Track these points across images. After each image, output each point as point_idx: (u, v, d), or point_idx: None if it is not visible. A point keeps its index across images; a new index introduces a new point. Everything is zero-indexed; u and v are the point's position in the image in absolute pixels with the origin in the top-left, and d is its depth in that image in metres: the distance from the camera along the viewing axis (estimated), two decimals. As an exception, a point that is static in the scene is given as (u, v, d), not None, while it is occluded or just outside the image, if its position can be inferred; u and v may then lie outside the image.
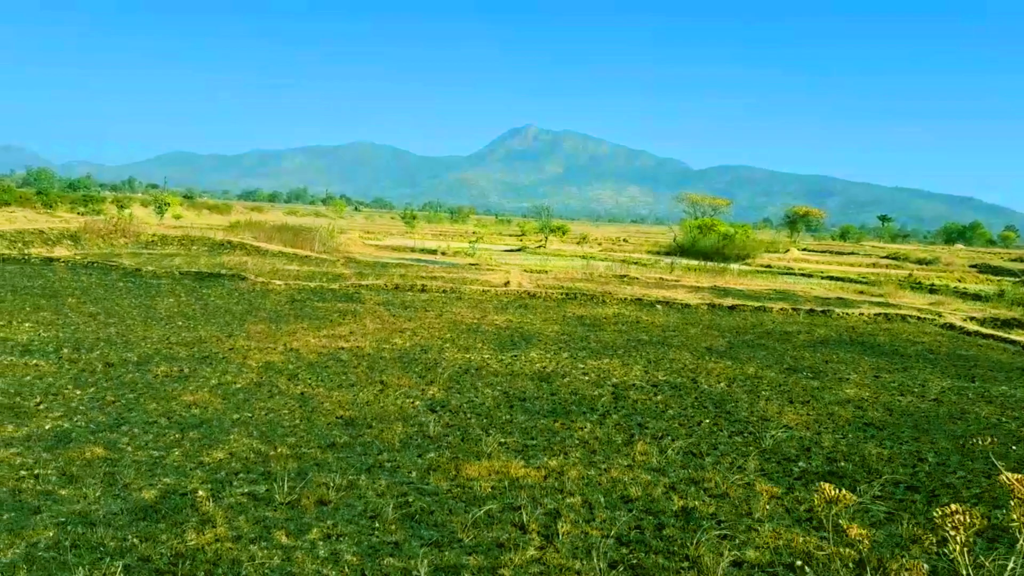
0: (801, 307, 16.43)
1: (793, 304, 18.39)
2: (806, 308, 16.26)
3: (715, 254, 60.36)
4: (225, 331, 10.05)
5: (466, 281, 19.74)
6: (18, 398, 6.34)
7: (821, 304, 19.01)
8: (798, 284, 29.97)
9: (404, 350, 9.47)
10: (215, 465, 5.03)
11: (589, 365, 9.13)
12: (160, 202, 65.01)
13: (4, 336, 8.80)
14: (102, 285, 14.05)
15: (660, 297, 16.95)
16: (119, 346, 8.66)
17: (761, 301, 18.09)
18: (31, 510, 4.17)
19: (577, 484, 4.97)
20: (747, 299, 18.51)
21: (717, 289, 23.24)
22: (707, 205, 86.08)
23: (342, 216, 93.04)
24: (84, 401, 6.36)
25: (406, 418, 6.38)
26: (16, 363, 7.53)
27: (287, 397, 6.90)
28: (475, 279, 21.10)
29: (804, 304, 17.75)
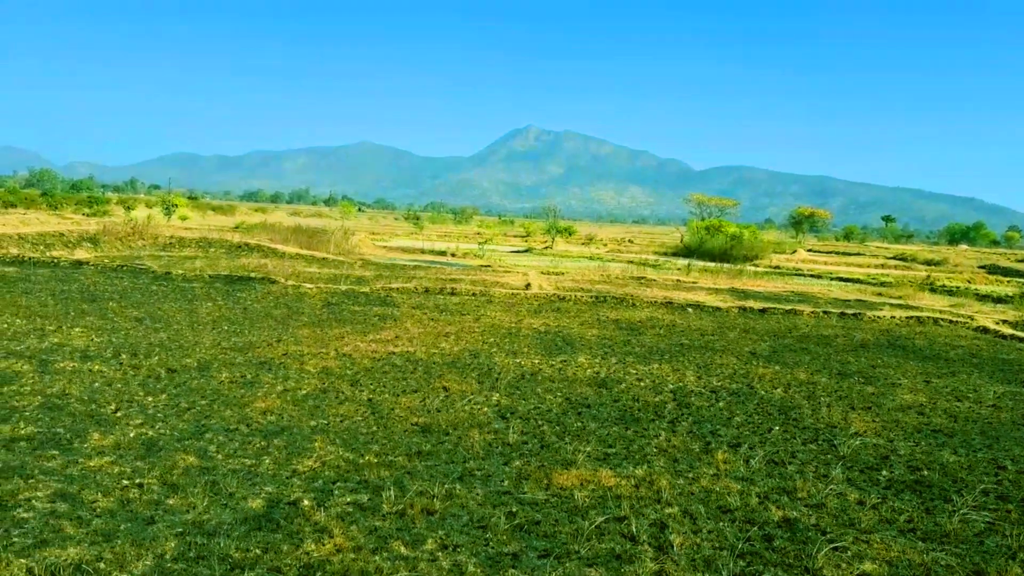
0: (831, 310, 16.42)
1: (814, 306, 18.40)
2: (837, 311, 16.25)
3: (723, 255, 60.39)
4: (273, 336, 10.07)
5: (487, 283, 19.77)
6: (94, 405, 6.36)
7: (842, 306, 19.01)
8: (814, 286, 29.96)
9: (454, 355, 9.48)
10: (310, 473, 5.04)
11: (640, 370, 9.14)
12: (168, 204, 65.13)
13: (59, 341, 8.82)
14: (137, 289, 14.08)
15: (683, 300, 16.95)
16: (174, 352, 8.68)
17: (783, 303, 18.09)
18: (145, 520, 4.18)
19: (671, 494, 4.97)
20: (769, 301, 18.52)
21: (736, 291, 23.24)
22: (714, 206, 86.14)
23: (350, 218, 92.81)
24: (160, 408, 6.38)
25: (480, 425, 6.40)
26: (80, 369, 7.56)
27: (356, 403, 6.91)
28: (495, 281, 21.13)
29: (825, 306, 17.75)
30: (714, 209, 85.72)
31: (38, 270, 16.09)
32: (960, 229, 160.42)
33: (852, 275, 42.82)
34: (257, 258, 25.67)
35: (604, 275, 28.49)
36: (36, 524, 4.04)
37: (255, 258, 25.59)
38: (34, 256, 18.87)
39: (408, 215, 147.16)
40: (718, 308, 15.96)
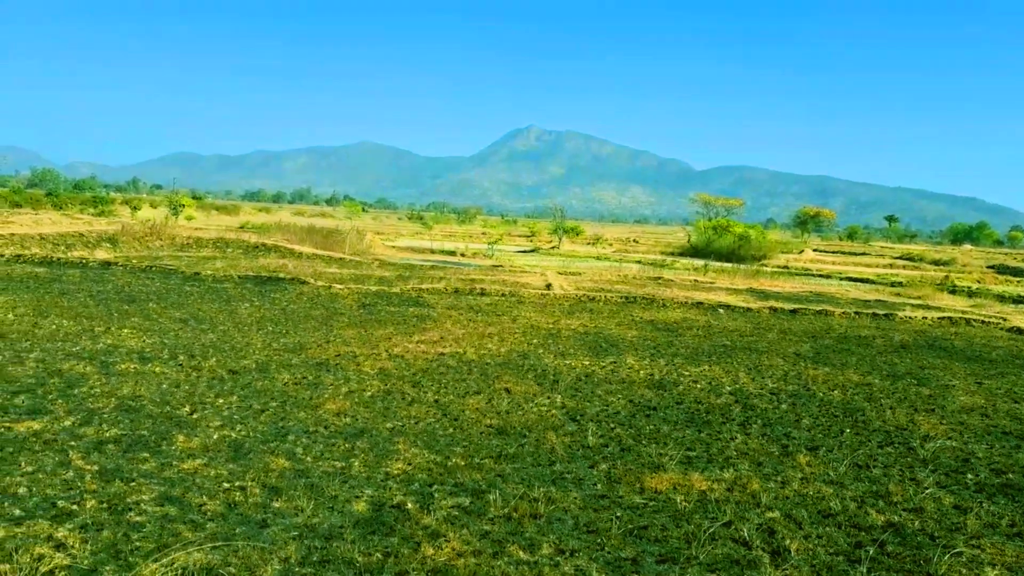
0: (863, 311, 16.39)
1: (836, 306, 18.39)
2: (868, 312, 16.22)
3: (731, 255, 60.37)
4: (320, 337, 10.06)
5: (508, 284, 19.76)
6: (168, 407, 6.35)
7: (863, 307, 18.99)
8: (830, 286, 29.94)
9: (504, 356, 9.47)
10: (403, 476, 5.03)
11: (693, 372, 9.12)
12: (175, 204, 65.13)
13: (113, 343, 8.81)
14: (171, 289, 14.07)
15: (706, 300, 16.91)
16: (229, 353, 8.67)
17: (807, 304, 18.08)
18: (257, 524, 4.17)
19: (767, 498, 4.96)
20: (792, 302, 18.50)
21: (755, 291, 23.23)
22: (720, 206, 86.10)
23: (358, 217, 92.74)
24: (234, 410, 6.37)
25: (554, 428, 6.38)
26: (143, 371, 7.55)
27: (424, 405, 6.90)
28: (515, 282, 21.13)
29: (846, 307, 17.73)
30: (720, 209, 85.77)
31: (68, 271, 16.08)
32: (963, 229, 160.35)
33: (862, 275, 42.79)
34: (275, 258, 25.67)
35: (621, 275, 28.48)
36: (152, 528, 4.03)
37: (273, 258, 25.60)
38: (56, 256, 18.86)
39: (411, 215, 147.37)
40: (749, 309, 15.95)
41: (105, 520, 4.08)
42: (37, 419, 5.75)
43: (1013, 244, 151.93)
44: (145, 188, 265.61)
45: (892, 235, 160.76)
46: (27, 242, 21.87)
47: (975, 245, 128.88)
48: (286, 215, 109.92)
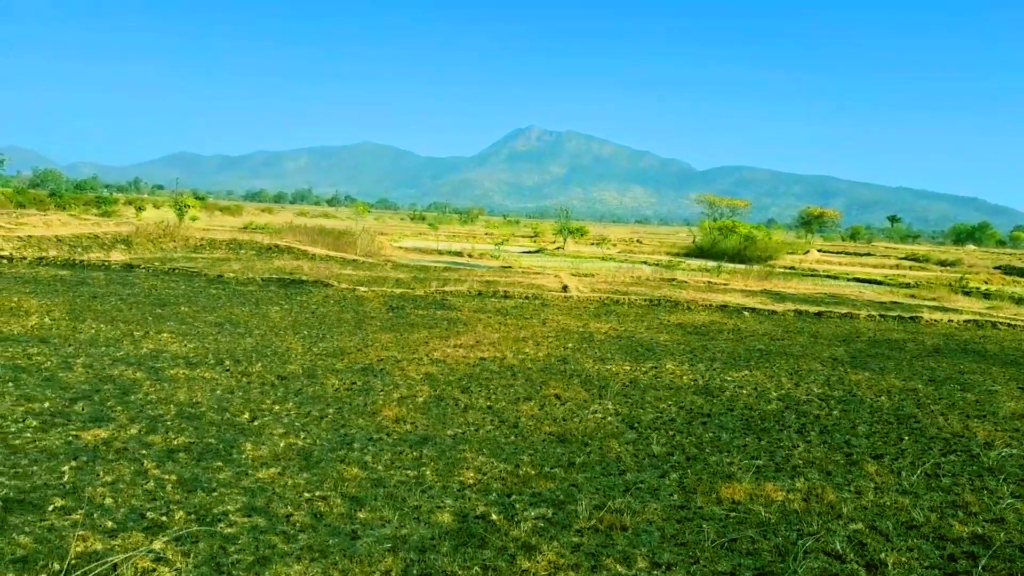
0: (887, 314, 16.36)
1: (853, 308, 18.37)
2: (894, 315, 16.19)
3: (737, 256, 60.35)
4: (358, 341, 10.04)
5: (524, 286, 19.73)
6: (227, 414, 6.33)
7: (882, 308, 18.96)
8: (844, 287, 29.90)
9: (544, 361, 9.45)
10: (479, 486, 5.01)
11: (735, 377, 9.10)
12: (180, 204, 65.14)
13: (155, 348, 8.79)
14: (197, 292, 14.05)
15: (725, 302, 16.86)
16: (272, 358, 8.65)
17: (824, 305, 18.07)
18: (348, 535, 4.15)
19: (848, 508, 4.93)
20: (808, 303, 18.48)
21: (770, 293, 23.20)
22: (725, 206, 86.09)
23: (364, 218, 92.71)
24: (293, 417, 6.35)
25: (615, 435, 6.36)
26: (194, 376, 7.53)
27: (479, 412, 6.88)
28: (530, 284, 21.10)
29: (863, 308, 17.70)
30: (725, 210, 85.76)
31: (92, 273, 16.06)
32: (966, 229, 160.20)
33: (869, 276, 42.75)
34: (289, 260, 25.68)
35: (634, 277, 28.44)
36: (247, 540, 4.01)
37: (287, 260, 25.61)
38: (75, 258, 18.83)
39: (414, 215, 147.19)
40: (774, 312, 15.92)
41: (198, 532, 4.06)
42: (102, 427, 5.73)
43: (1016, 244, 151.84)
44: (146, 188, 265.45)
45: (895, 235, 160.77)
46: (44, 244, 21.86)
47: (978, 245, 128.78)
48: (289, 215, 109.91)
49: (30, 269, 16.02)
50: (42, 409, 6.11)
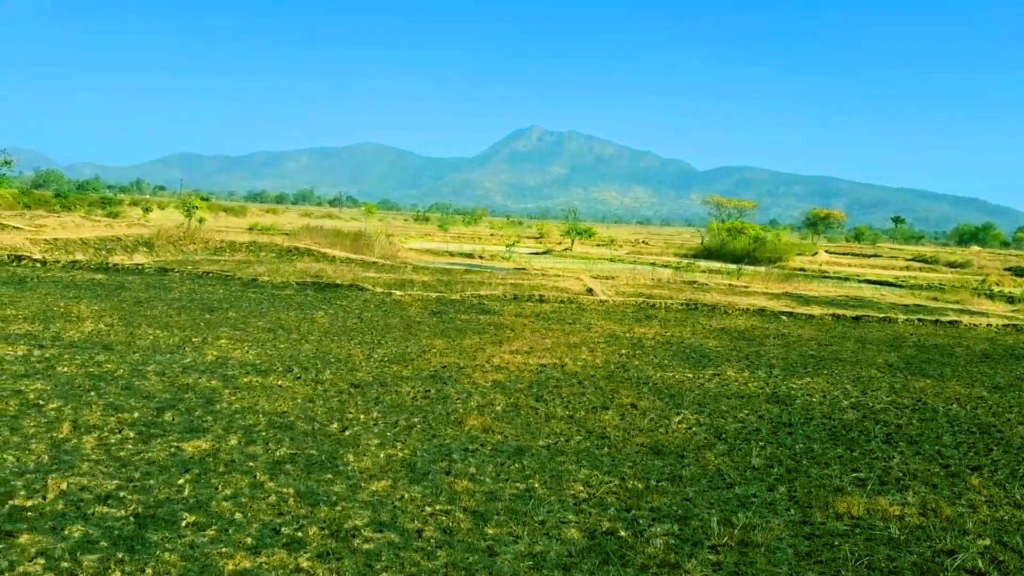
0: (925, 318, 16.31)
1: (876, 310, 18.34)
2: (932, 319, 16.14)
3: (746, 257, 60.29)
4: (414, 347, 10.00)
5: (548, 288, 19.68)
6: (316, 424, 6.29)
7: (912, 312, 18.91)
8: (865, 290, 29.85)
9: (604, 367, 9.41)
10: (595, 500, 4.96)
11: (799, 385, 9.05)
12: (188, 206, 65.10)
13: (219, 355, 8.75)
14: (238, 297, 14.01)
15: (759, 305, 16.80)
16: (337, 365, 8.61)
17: (847, 308, 18.04)
18: (485, 552, 4.11)
19: (969, 523, 4.89)
20: (836, 307, 18.45)
21: (791, 295, 23.17)
22: (732, 207, 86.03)
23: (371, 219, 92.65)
24: (382, 427, 6.31)
25: (706, 446, 6.31)
26: (269, 385, 7.49)
27: (561, 421, 6.84)
28: (553, 286, 21.07)
29: (889, 312, 17.65)
30: (732, 211, 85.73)
31: (127, 277, 16.03)
32: (969, 230, 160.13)
33: (880, 277, 42.69)
34: (310, 262, 25.68)
35: (655, 279, 28.42)
36: (389, 557, 3.96)
37: (308, 262, 25.60)
38: (102, 261, 18.80)
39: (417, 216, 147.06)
40: (811, 316, 15.87)
41: (338, 548, 4.02)
42: (200, 438, 5.69)
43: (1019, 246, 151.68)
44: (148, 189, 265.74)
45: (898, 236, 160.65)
46: (71, 247, 21.84)
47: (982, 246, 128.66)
48: (293, 216, 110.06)
49: (65, 273, 15.98)
50: (134, 419, 6.07)
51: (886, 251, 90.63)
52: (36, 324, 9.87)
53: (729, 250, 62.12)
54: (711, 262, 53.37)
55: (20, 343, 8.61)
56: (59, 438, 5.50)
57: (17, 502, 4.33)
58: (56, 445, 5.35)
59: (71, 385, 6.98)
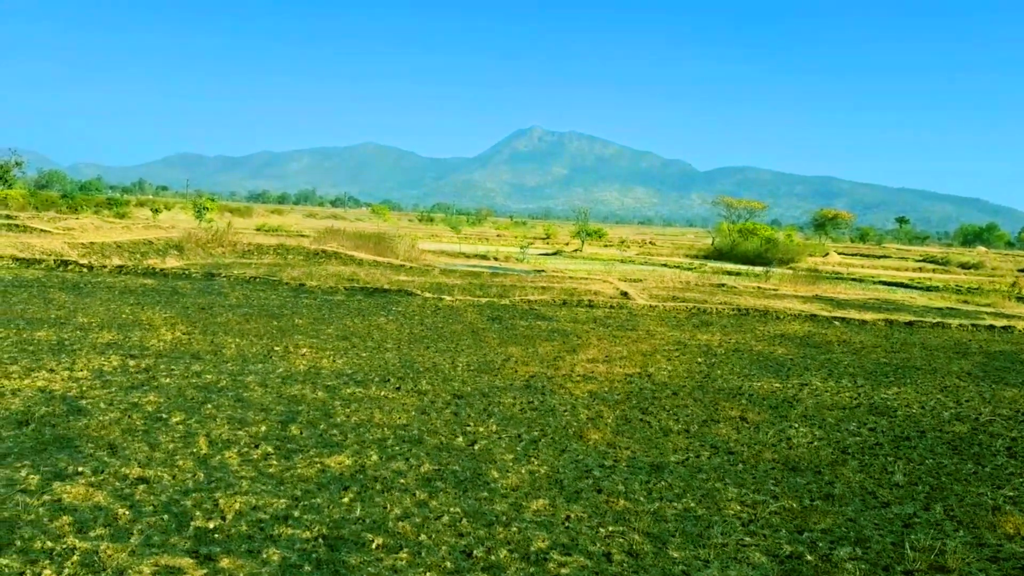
0: (978, 323, 16.24)
1: (909, 314, 18.29)
2: (984, 324, 16.07)
3: (757, 258, 60.16)
4: (493, 355, 9.92)
5: (580, 292, 19.61)
6: (440, 436, 6.23)
7: (940, 315, 18.82)
8: (894, 293, 29.74)
9: (689, 377, 9.33)
10: (761, 520, 4.89)
11: (891, 394, 8.98)
12: (199, 207, 65.06)
13: (310, 365, 8.69)
14: (295, 303, 13.94)
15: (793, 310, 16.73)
16: (429, 375, 8.54)
17: (886, 312, 17.98)
18: (651, 570, 4.04)
19: None
20: (870, 311, 18.41)
21: (822, 298, 23.10)
22: (742, 208, 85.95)
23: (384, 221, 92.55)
24: (508, 440, 6.23)
25: (838, 462, 6.24)
26: (372, 396, 7.42)
27: (679, 435, 6.76)
28: (587, 289, 21.00)
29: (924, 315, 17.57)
30: (743, 212, 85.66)
31: (176, 282, 15.96)
32: (973, 230, 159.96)
33: (895, 279, 42.55)
34: (338, 265, 25.65)
35: (684, 282, 28.35)
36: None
37: (337, 265, 25.57)
38: (139, 265, 18.72)
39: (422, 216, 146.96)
40: (864, 322, 15.80)
41: (537, 574, 3.95)
42: (339, 453, 5.63)
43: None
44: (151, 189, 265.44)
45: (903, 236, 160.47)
46: (106, 251, 21.78)
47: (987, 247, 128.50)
48: (298, 217, 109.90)
49: (114, 278, 15.92)
50: (263, 433, 6.01)
51: (893, 251, 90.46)
52: (114, 332, 9.81)
53: (740, 251, 61.97)
54: (723, 263, 53.29)
55: (110, 353, 8.55)
56: (202, 454, 5.43)
57: (199, 523, 4.26)
58: (202, 461, 5.28)
59: (183, 397, 6.92)
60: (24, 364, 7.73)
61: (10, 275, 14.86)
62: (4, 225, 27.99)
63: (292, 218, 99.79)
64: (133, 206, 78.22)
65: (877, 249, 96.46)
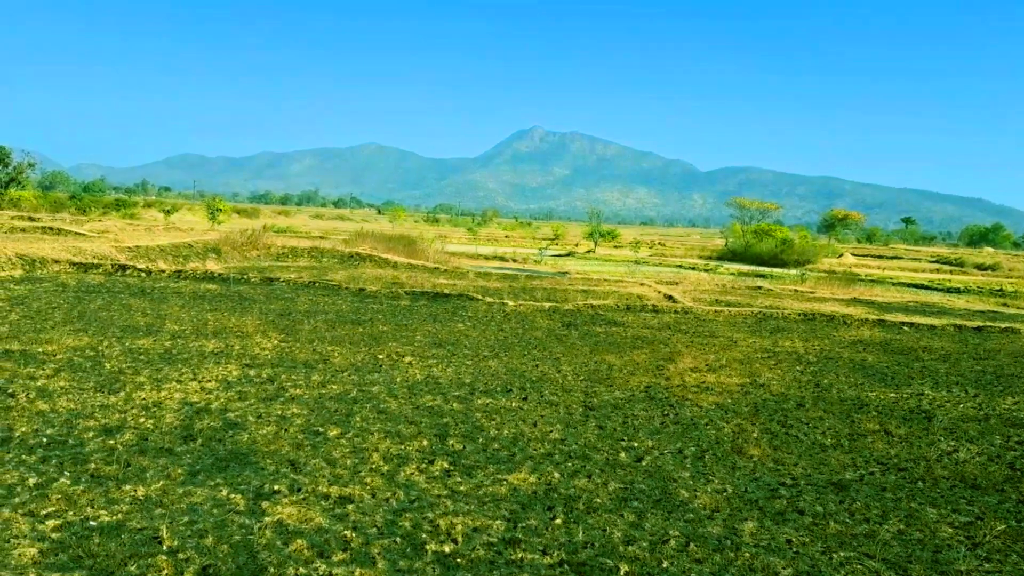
0: (1048, 329, 16.09)
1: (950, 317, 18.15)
2: (1056, 331, 15.92)
3: (772, 259, 60.02)
4: (595, 363, 9.77)
5: (623, 296, 19.48)
6: (603, 452, 6.08)
7: (983, 319, 18.64)
8: (931, 296, 29.58)
9: (802, 386, 9.18)
10: (989, 546, 4.74)
11: (1011, 404, 8.84)
12: (212, 208, 65.02)
13: (424, 374, 8.54)
14: (365, 308, 13.80)
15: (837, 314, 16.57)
16: (544, 384, 8.39)
17: (935, 317, 17.82)
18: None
19: None
20: (914, 314, 18.28)
21: (862, 301, 22.95)
22: (755, 209, 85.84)
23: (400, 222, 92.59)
24: (668, 455, 6.09)
25: (1013, 479, 6.10)
26: (507, 407, 7.26)
27: (837, 451, 6.60)
28: (628, 292, 20.87)
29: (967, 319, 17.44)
30: (756, 213, 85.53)
31: (239, 287, 15.82)
32: (979, 231, 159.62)
33: (913, 280, 42.40)
34: (374, 268, 25.57)
35: (718, 285, 28.24)
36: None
37: (372, 268, 25.49)
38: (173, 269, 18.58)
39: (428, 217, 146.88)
40: (933, 327, 15.66)
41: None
42: (516, 470, 5.47)
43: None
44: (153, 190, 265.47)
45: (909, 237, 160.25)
46: (152, 254, 21.65)
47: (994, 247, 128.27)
48: (305, 218, 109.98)
49: (175, 283, 15.78)
50: (426, 447, 5.87)
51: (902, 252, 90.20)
52: (213, 340, 9.67)
53: (755, 252, 61.82)
54: (739, 265, 53.18)
55: (224, 362, 8.41)
56: (384, 470, 5.29)
57: (434, 547, 4.12)
58: (389, 478, 5.14)
59: (325, 409, 6.78)
60: (147, 375, 7.59)
61: (73, 280, 14.72)
62: (38, 228, 27.87)
63: (299, 219, 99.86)
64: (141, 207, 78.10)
65: (886, 250, 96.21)
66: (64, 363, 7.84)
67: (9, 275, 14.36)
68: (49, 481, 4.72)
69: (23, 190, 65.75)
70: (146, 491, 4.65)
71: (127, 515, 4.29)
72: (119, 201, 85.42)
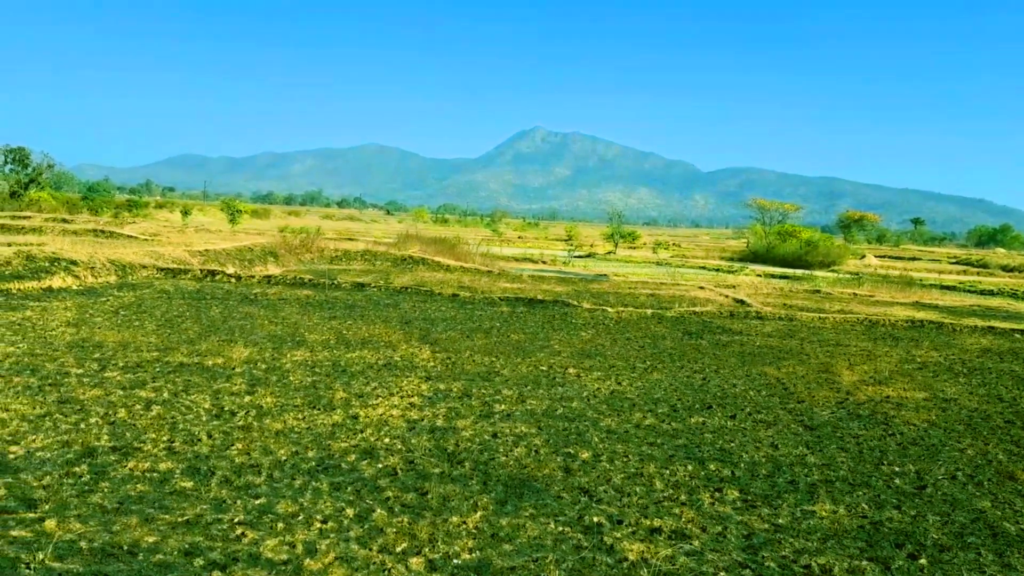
0: None
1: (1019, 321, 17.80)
2: None
3: (796, 261, 59.52)
4: (757, 376, 9.44)
5: (687, 299, 19.13)
6: (871, 477, 5.73)
7: None
8: (991, 300, 29.22)
9: (990, 402, 8.84)
10: None
11: None
12: (232, 210, 64.81)
13: (613, 388, 8.20)
14: (472, 316, 13.42)
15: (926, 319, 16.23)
16: (731, 400, 8.05)
17: (1008, 321, 17.49)
18: None
19: None
20: (996, 318, 17.93)
21: (925, 305, 22.58)
22: (775, 211, 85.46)
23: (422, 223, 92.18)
24: (946, 482, 5.75)
25: None
26: (732, 427, 6.91)
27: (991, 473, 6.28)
28: (694, 297, 20.53)
29: None
30: (775, 214, 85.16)
31: (332, 294, 15.48)
32: (987, 232, 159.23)
33: (941, 282, 41.98)
34: (427, 271, 25.24)
35: (776, 288, 27.87)
36: None
37: (425, 271, 25.17)
38: (246, 274, 18.23)
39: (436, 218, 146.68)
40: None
41: None
42: (815, 500, 5.14)
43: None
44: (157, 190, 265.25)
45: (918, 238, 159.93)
46: (221, 258, 21.33)
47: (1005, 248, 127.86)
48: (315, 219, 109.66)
49: (268, 288, 15.43)
50: (696, 473, 5.51)
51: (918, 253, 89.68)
52: (366, 351, 9.31)
53: (778, 253, 61.35)
54: (763, 266, 52.72)
55: (401, 375, 8.06)
56: (683, 499, 4.94)
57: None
58: (696, 508, 4.80)
59: (552, 428, 6.43)
60: (341, 390, 7.25)
61: (170, 286, 14.38)
62: (88, 231, 27.55)
63: (310, 220, 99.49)
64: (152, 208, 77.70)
65: (900, 251, 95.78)
66: (249, 377, 7.50)
67: (106, 281, 14.02)
68: (367, 511, 4.38)
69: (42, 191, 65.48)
70: (474, 522, 4.31)
71: (483, 551, 3.95)
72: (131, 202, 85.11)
